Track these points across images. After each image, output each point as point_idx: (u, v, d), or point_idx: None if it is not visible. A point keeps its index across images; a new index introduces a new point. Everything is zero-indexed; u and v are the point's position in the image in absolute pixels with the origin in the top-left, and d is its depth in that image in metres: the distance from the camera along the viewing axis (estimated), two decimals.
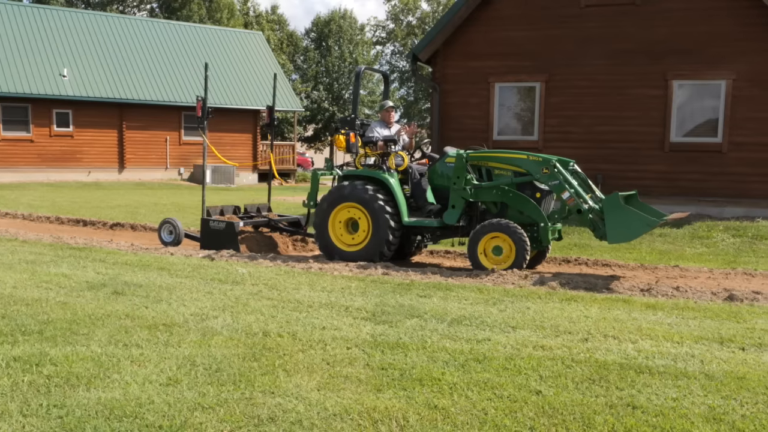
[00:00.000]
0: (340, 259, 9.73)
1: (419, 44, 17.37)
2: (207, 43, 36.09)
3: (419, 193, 9.94)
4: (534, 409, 4.17)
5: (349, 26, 64.66)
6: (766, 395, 4.43)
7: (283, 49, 62.68)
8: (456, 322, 6.18)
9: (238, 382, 4.53)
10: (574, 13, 15.66)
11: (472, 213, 9.70)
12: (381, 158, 10.05)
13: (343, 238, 9.92)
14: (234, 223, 10.65)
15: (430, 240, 10.41)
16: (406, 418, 4.02)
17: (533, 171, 9.23)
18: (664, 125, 15.20)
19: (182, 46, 34.96)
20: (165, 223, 11.46)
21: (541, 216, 9.16)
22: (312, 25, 66.04)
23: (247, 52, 37.20)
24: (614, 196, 8.59)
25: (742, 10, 14.55)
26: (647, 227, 8.59)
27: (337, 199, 9.89)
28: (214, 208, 11.40)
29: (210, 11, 57.46)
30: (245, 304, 6.74)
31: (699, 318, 6.48)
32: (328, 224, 9.95)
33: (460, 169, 9.48)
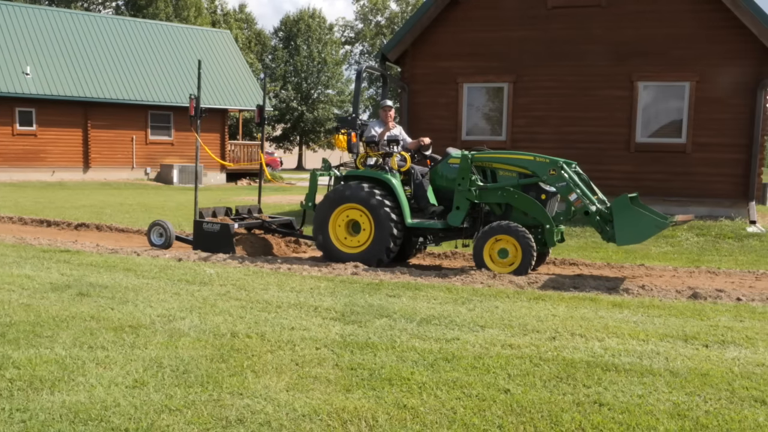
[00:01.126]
0: (340, 261, 9.50)
1: (388, 44, 17.38)
2: (174, 41, 35.77)
3: (421, 195, 9.77)
4: (502, 407, 4.20)
5: (317, 26, 64.55)
6: (728, 391, 4.50)
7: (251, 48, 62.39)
8: (425, 321, 6.19)
9: (206, 383, 4.50)
10: (541, 15, 15.78)
11: (476, 214, 9.55)
12: (383, 159, 9.84)
13: (344, 239, 9.73)
14: (229, 225, 10.44)
15: (433, 242, 10.21)
16: (375, 418, 4.02)
17: (540, 172, 9.13)
18: (629, 126, 15.38)
19: (148, 45, 34.61)
20: (155, 226, 11.19)
21: (547, 218, 9.07)
22: (280, 24, 65.85)
23: (214, 50, 36.94)
24: (623, 198, 8.56)
25: (705, 13, 14.78)
26: (656, 229, 8.56)
27: (338, 200, 9.69)
28: (207, 209, 11.15)
29: (177, 9, 56.99)
30: (213, 304, 6.69)
31: (664, 316, 6.57)
32: (329, 226, 9.76)
33: (465, 170, 9.34)
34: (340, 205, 9.67)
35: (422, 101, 16.71)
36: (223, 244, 10.30)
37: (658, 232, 8.76)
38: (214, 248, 10.29)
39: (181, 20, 54.57)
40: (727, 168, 14.79)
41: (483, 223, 9.42)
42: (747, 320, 6.46)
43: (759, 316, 6.64)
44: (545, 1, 15.66)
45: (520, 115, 16.06)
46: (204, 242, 10.49)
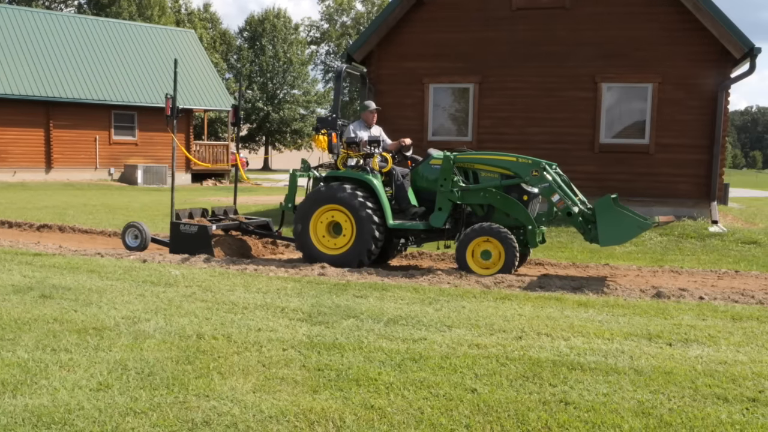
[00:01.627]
0: (320, 262, 9.37)
1: (354, 44, 17.36)
2: (137, 41, 35.36)
3: (402, 196, 9.70)
4: (469, 407, 4.21)
5: (283, 25, 64.28)
6: (692, 389, 4.57)
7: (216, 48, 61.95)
8: (392, 321, 6.19)
9: (172, 385, 4.45)
10: (506, 16, 15.89)
11: (458, 216, 9.49)
12: (364, 159, 9.74)
13: (325, 241, 9.61)
14: (207, 227, 10.24)
15: (414, 243, 10.11)
16: (343, 418, 4.01)
17: (522, 173, 9.11)
18: (593, 127, 15.56)
19: (112, 44, 34.17)
20: (130, 227, 10.93)
21: (529, 219, 9.07)
22: (245, 24, 65.45)
23: (179, 50, 36.58)
24: (606, 199, 8.61)
25: (667, 16, 15.01)
26: (639, 230, 8.62)
27: (319, 201, 9.58)
28: (183, 211, 10.93)
29: (140, 8, 56.35)
30: (178, 306, 6.62)
31: (628, 315, 6.65)
32: (310, 227, 9.63)
33: (447, 171, 9.29)
34: (321, 206, 9.56)
35: (388, 102, 16.69)
36: (201, 245, 10.12)
37: (640, 233, 8.84)
38: (192, 250, 10.10)
39: (145, 19, 53.95)
40: (690, 169, 15.03)
41: (465, 224, 9.38)
42: (709, 319, 6.57)
43: (721, 314, 6.76)
44: (510, 3, 15.77)
45: (485, 116, 16.16)
46: (181, 244, 10.29)
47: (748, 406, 4.29)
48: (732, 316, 6.70)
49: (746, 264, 10.65)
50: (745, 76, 14.54)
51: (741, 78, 14.67)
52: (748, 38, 14.07)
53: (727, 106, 15.11)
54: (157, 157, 33.01)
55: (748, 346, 5.63)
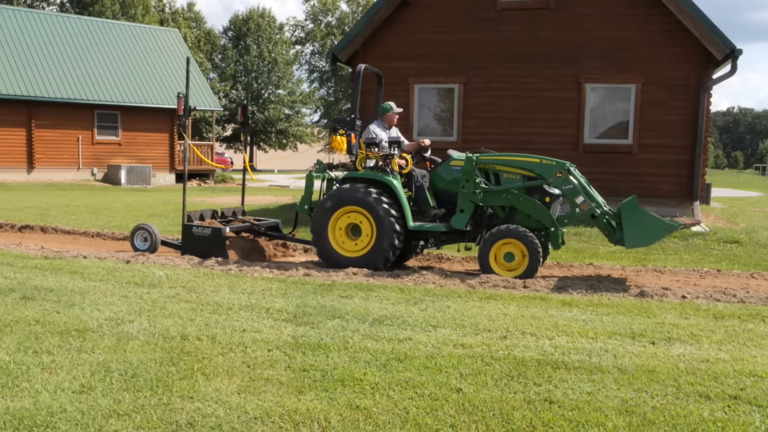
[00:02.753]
0: (340, 266, 9.22)
1: (338, 44, 17.35)
2: (121, 40, 35.15)
3: (422, 197, 9.56)
4: (455, 406, 4.22)
5: (267, 25, 64.15)
6: (674, 387, 4.60)
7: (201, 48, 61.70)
8: (377, 322, 6.20)
9: (156, 387, 4.43)
10: (491, 17, 15.93)
11: (479, 217, 9.37)
12: (384, 160, 9.53)
13: (344, 244, 9.41)
14: (221, 229, 10.06)
15: (434, 245, 9.90)
16: (328, 419, 4.00)
17: (546, 175, 9.03)
18: (577, 127, 15.63)
19: (95, 43, 33.95)
20: (139, 230, 10.72)
21: (552, 221, 9.01)
22: (230, 24, 65.26)
23: (163, 49, 36.41)
24: (632, 201, 8.60)
25: (649, 17, 15.10)
26: (665, 231, 8.63)
27: (338, 203, 9.37)
28: (194, 212, 10.72)
29: (124, 7, 55.99)
30: (162, 307, 6.59)
31: (612, 314, 6.69)
32: (328, 229, 9.42)
33: (469, 173, 9.17)
34: (341, 207, 9.36)
35: (373, 102, 16.67)
36: (215, 248, 9.92)
37: (666, 235, 8.81)
38: (205, 253, 9.90)
39: (128, 18, 53.60)
40: (672, 169, 15.13)
41: (486, 226, 9.28)
42: (692, 317, 6.62)
43: (703, 313, 6.82)
44: (495, 4, 15.82)
45: (470, 116, 16.20)
46: (194, 247, 10.09)
47: (729, 404, 4.33)
48: (714, 314, 6.76)
49: (728, 263, 10.74)
50: (727, 77, 14.66)
51: (723, 79, 14.79)
52: (730, 40, 14.19)
53: (709, 107, 15.23)
54: (141, 157, 32.83)
55: (730, 344, 5.68)
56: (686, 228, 9.22)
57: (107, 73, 32.84)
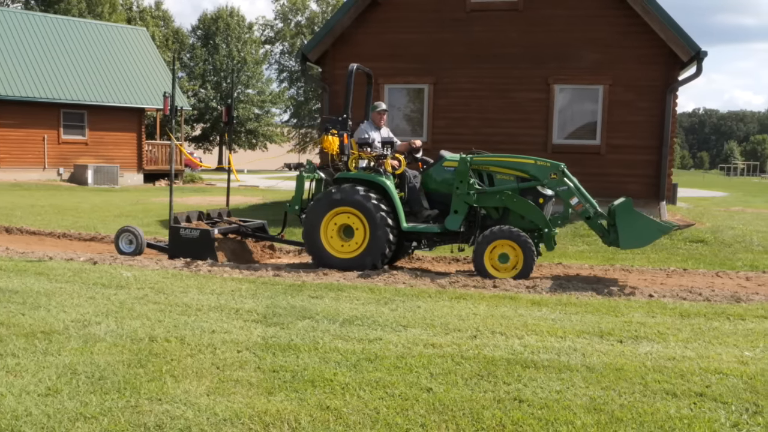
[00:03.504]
0: (331, 267, 9.16)
1: (308, 44, 17.30)
2: (87, 38, 34.69)
3: (415, 198, 9.53)
4: (425, 406, 4.23)
5: (236, 24, 63.77)
6: (642, 385, 4.66)
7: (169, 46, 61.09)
8: (348, 322, 6.19)
9: (123, 389, 4.38)
10: (460, 17, 15.99)
11: (473, 218, 9.37)
12: (376, 161, 9.47)
13: (336, 245, 9.33)
14: (209, 231, 9.92)
15: (427, 246, 9.83)
16: (298, 420, 3.99)
17: (541, 176, 9.05)
18: (546, 128, 15.75)
19: (61, 41, 33.46)
20: (123, 232, 10.49)
21: (546, 222, 9.04)
22: (198, 22, 64.74)
23: (130, 48, 36.00)
24: (627, 202, 8.65)
25: (617, 19, 15.27)
26: (660, 233, 8.71)
27: (331, 204, 9.27)
28: (181, 214, 10.53)
29: (90, 5, 55.26)
30: (130, 308, 6.52)
31: (580, 313, 6.76)
32: (320, 230, 9.33)
33: (463, 174, 9.17)
34: (333, 208, 9.27)
35: (343, 102, 16.66)
36: (204, 250, 9.78)
37: (660, 236, 8.89)
38: (193, 255, 9.76)
39: (95, 16, 52.92)
40: (640, 169, 15.31)
41: (480, 227, 9.27)
42: (659, 316, 6.71)
43: (670, 311, 6.91)
44: (464, 4, 15.88)
45: (440, 116, 16.24)
46: (181, 249, 9.94)
47: (695, 401, 4.39)
48: (680, 313, 6.85)
49: (694, 262, 10.90)
50: (693, 79, 14.87)
51: (688, 80, 15.00)
52: (695, 42, 14.40)
53: (675, 108, 15.42)
54: (108, 157, 32.42)
55: (696, 342, 5.77)
56: (680, 230, 9.30)
57: (73, 71, 32.39)
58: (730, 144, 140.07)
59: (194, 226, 10.23)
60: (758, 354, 5.44)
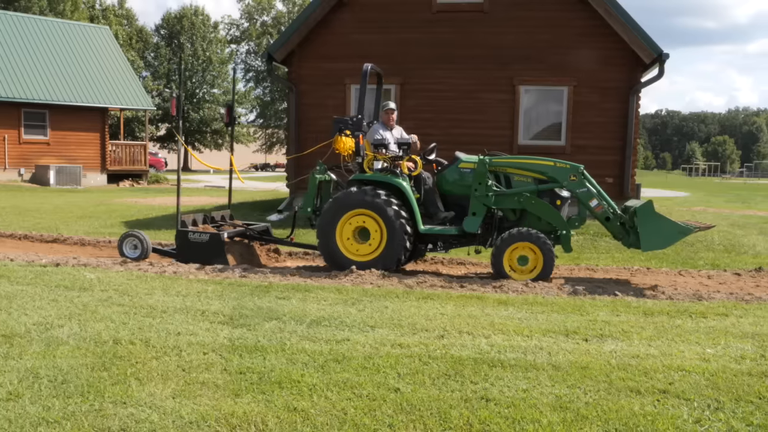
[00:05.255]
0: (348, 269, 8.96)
1: (274, 44, 17.22)
2: (49, 36, 34.14)
3: (431, 200, 9.42)
4: (393, 406, 4.23)
5: (201, 23, 63.26)
6: (606, 383, 4.71)
7: (133, 45, 60.40)
8: (315, 323, 6.17)
9: (87, 393, 4.32)
10: (427, 18, 16.04)
11: (490, 220, 9.26)
12: (392, 162, 9.32)
13: (351, 247, 9.15)
14: (220, 235, 9.68)
15: (443, 248, 9.65)
16: (265, 422, 3.97)
17: (560, 178, 9.01)
18: (512, 128, 15.87)
19: (21, 39, 32.89)
20: (128, 237, 10.06)
21: (563, 223, 9.01)
22: (163, 21, 64.10)
23: (93, 47, 35.50)
24: (648, 204, 8.66)
25: (580, 21, 15.45)
26: (681, 235, 8.73)
27: (346, 206, 9.09)
28: (187, 217, 10.25)
29: (51, 3, 54.36)
30: (94, 311, 6.43)
31: (547, 312, 6.81)
32: (336, 233, 9.15)
33: (481, 175, 9.09)
34: (350, 210, 9.09)
35: (310, 102, 16.65)
36: (214, 255, 9.54)
37: (681, 238, 8.93)
38: (203, 260, 9.48)
39: (57, 14, 52.09)
40: (604, 169, 15.47)
41: (497, 229, 9.20)
42: (623, 314, 6.79)
43: (634, 310, 7.00)
44: (430, 5, 15.94)
45: (408, 117, 16.23)
46: (191, 254, 9.67)
47: (659, 398, 4.46)
48: (644, 311, 6.95)
49: (657, 261, 11.06)
50: (655, 81, 15.11)
51: (651, 82, 15.23)
52: (657, 44, 14.62)
53: (638, 109, 15.64)
54: (71, 157, 31.94)
55: (659, 340, 5.85)
56: (700, 231, 9.40)
57: (35, 70, 31.85)
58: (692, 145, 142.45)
59: (202, 229, 10.00)
60: (719, 351, 5.54)
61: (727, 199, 31.22)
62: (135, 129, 54.26)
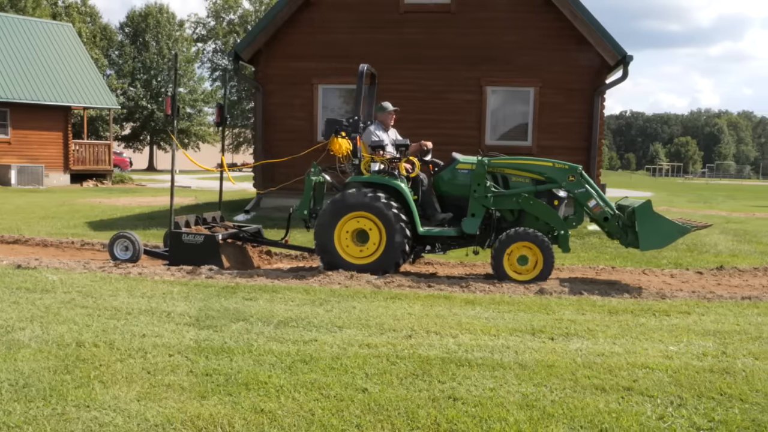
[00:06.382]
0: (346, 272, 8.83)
1: (241, 43, 17.13)
2: (9, 33, 33.53)
3: (428, 202, 9.34)
4: (360, 407, 4.23)
5: (167, 21, 62.61)
6: (572, 381, 4.76)
7: (97, 44, 59.56)
8: (282, 324, 6.14)
9: (49, 397, 4.25)
10: (394, 19, 16.07)
11: (488, 221, 9.22)
12: (390, 164, 9.23)
13: (350, 250, 9.04)
14: (214, 236, 9.49)
15: (441, 250, 9.50)
16: (232, 424, 3.94)
17: (559, 178, 9.02)
18: (479, 129, 15.96)
19: None
20: (119, 238, 9.87)
21: (561, 223, 9.02)
22: (127, 19, 63.30)
23: (55, 45, 34.94)
24: (647, 204, 8.70)
25: (547, 23, 15.60)
26: (679, 234, 8.79)
27: (345, 209, 8.97)
28: (180, 218, 10.04)
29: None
30: (56, 313, 6.32)
31: (513, 311, 6.86)
32: (334, 236, 9.02)
33: (480, 176, 9.07)
34: (349, 212, 8.98)
35: (277, 102, 16.59)
36: (208, 257, 9.36)
37: (679, 238, 9.00)
38: (197, 262, 9.28)
39: (18, 11, 51.14)
40: None
41: (495, 230, 9.17)
42: (588, 313, 6.86)
43: (599, 308, 7.08)
44: (398, 5, 15.96)
45: None
46: (184, 256, 9.46)
47: (623, 395, 4.51)
48: (609, 310, 7.03)
49: (622, 260, 11.19)
50: (619, 82, 15.32)
51: (615, 84, 15.43)
52: (621, 47, 14.81)
53: (603, 111, 15.84)
54: (33, 156, 31.39)
55: (624, 338, 5.92)
56: (698, 230, 9.52)
57: None
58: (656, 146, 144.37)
59: (195, 231, 9.83)
60: (682, 348, 5.62)
61: (689, 199, 31.74)
62: (99, 128, 53.49)
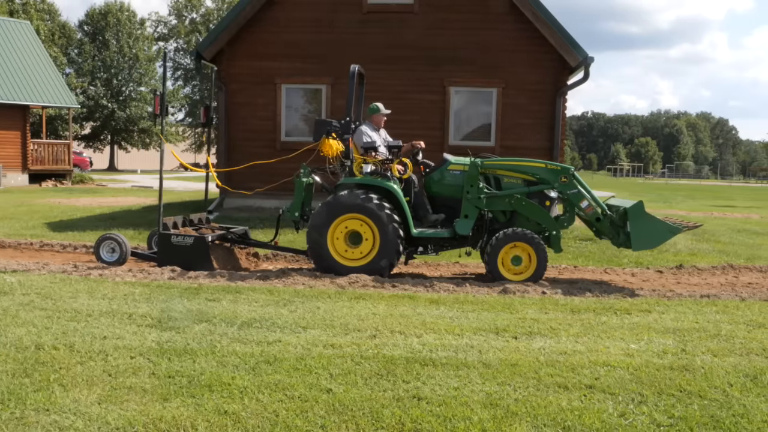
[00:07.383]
0: (337, 274, 8.73)
1: (203, 42, 16.98)
2: None
3: (420, 203, 9.28)
4: (325, 407, 4.22)
5: (127, 19, 61.80)
6: (535, 379, 4.81)
7: (55, 41, 58.55)
8: (246, 324, 6.10)
9: (7, 401, 4.17)
10: (357, 19, 16.07)
11: (480, 222, 9.19)
12: (382, 165, 9.18)
13: (343, 252, 8.94)
14: (204, 238, 9.31)
15: (433, 251, 9.42)
16: (195, 426, 3.90)
17: (551, 179, 9.05)
18: (443, 129, 16.03)
19: None
20: (106, 239, 9.58)
21: (554, 224, 9.03)
22: (86, 17, 62.32)
23: (12, 42, 34.28)
24: (639, 205, 8.73)
25: (509, 24, 15.73)
26: (670, 234, 8.87)
27: (338, 210, 8.88)
28: (167, 220, 9.83)
29: None
30: (14, 315, 6.21)
31: (477, 311, 6.90)
32: (327, 238, 8.90)
33: (473, 178, 9.06)
34: (342, 215, 8.88)
35: (240, 101, 16.48)
36: (199, 259, 9.19)
37: (671, 238, 9.09)
38: (187, 264, 9.11)
39: None
40: None
41: (487, 230, 9.16)
42: (551, 312, 6.93)
43: (561, 307, 7.15)
44: (361, 6, 15.96)
45: (339, 117, 16.20)
46: (173, 258, 9.27)
47: (585, 393, 4.57)
48: (571, 309, 7.11)
49: (584, 260, 11.32)
50: (580, 83, 15.48)
51: (576, 85, 15.60)
52: (583, 48, 14.99)
53: (565, 111, 16.01)
54: None
55: (586, 336, 6.00)
56: (689, 230, 9.64)
57: None
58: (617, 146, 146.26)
59: (183, 232, 9.65)
60: (643, 346, 5.71)
61: (649, 199, 32.18)
62: (58, 127, 52.60)
